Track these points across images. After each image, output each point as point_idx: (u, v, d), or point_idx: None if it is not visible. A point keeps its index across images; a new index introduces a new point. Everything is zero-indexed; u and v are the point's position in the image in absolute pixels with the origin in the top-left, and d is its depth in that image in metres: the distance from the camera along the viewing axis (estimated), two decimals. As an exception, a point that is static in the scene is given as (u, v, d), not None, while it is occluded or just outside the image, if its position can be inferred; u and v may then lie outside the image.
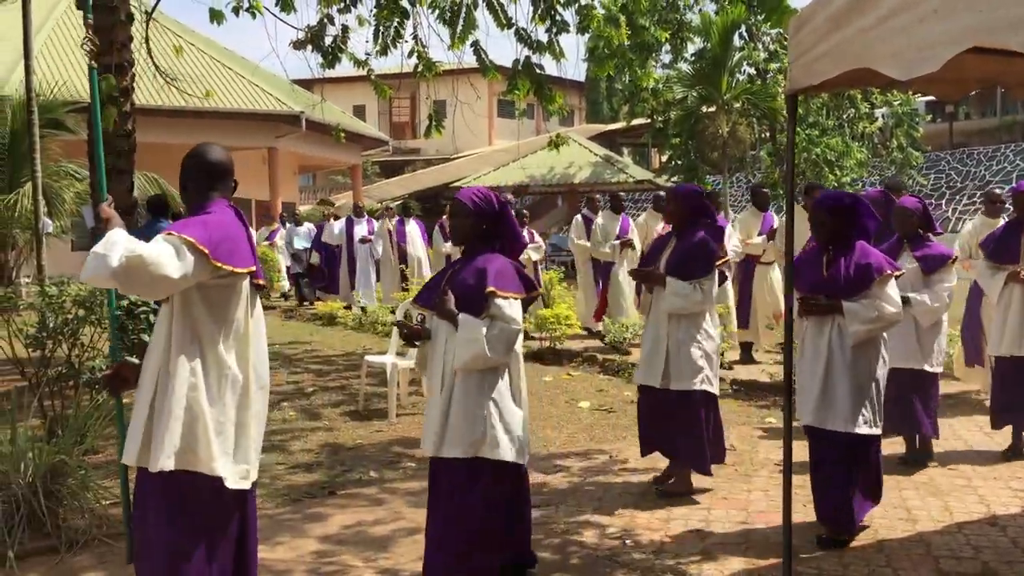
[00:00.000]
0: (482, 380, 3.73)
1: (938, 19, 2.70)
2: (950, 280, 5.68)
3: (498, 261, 3.80)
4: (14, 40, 12.89)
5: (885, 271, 4.51)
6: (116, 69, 6.92)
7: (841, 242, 4.60)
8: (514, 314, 3.70)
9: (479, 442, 3.68)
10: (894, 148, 23.44)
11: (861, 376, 4.45)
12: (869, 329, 4.42)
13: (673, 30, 13.24)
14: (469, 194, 3.89)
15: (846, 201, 4.62)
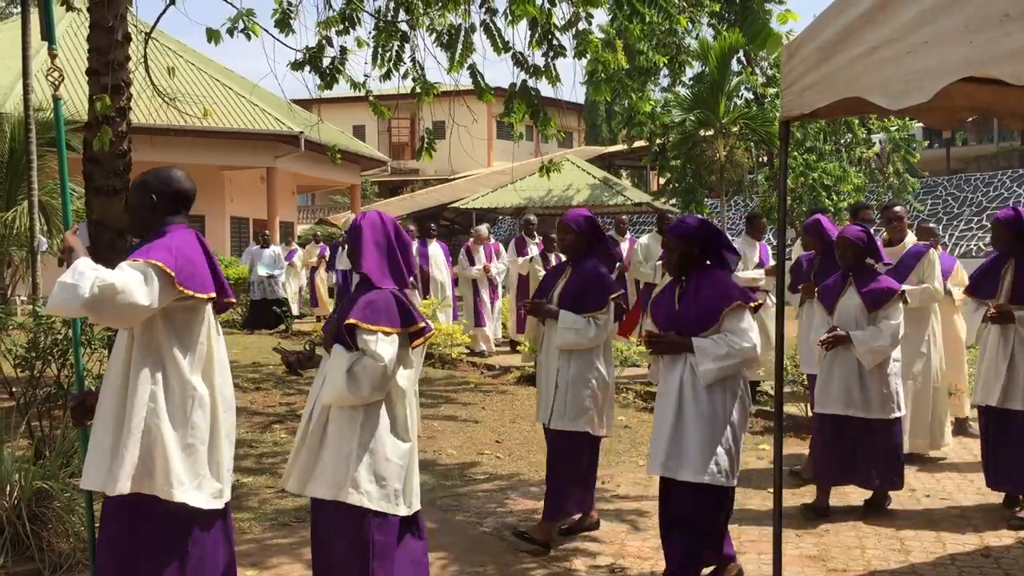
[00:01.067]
0: (353, 416, 3.43)
1: (928, 50, 2.71)
2: (896, 316, 5.27)
3: (374, 293, 3.51)
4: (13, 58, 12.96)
5: (735, 301, 4.07)
6: (113, 89, 6.92)
7: (695, 272, 4.22)
8: (381, 350, 3.37)
9: (340, 485, 3.38)
10: (891, 173, 23.54)
11: (715, 421, 4.03)
12: (720, 368, 3.99)
13: (671, 54, 13.31)
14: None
15: (698, 227, 4.24)
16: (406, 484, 3.50)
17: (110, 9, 6.99)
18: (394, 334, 3.43)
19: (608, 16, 9.50)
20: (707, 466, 3.97)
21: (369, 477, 3.38)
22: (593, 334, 4.81)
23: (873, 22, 2.88)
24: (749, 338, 4.01)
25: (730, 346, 3.98)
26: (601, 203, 24.79)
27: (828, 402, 5.40)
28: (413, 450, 3.57)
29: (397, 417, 3.52)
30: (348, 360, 3.38)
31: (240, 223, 24.06)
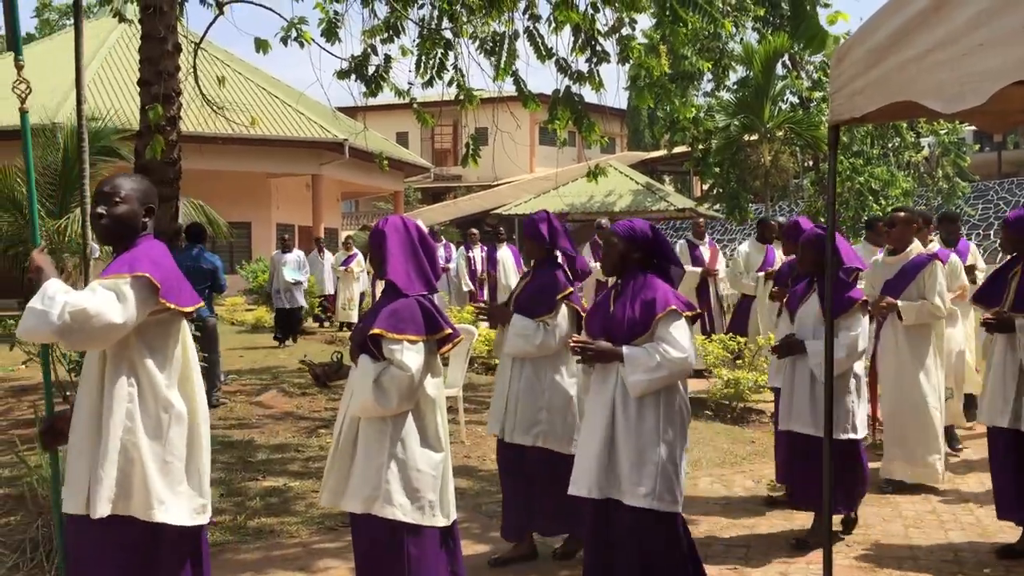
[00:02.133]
0: (383, 428, 3.38)
1: (984, 52, 2.66)
2: (856, 327, 4.81)
3: (400, 301, 3.45)
4: (67, 68, 13.23)
5: (669, 306, 3.72)
6: (163, 98, 7.05)
7: (631, 276, 3.88)
8: (408, 359, 3.32)
9: (372, 498, 3.34)
10: (940, 178, 23.13)
11: (648, 438, 3.67)
12: (651, 380, 3.63)
13: (715, 59, 13.21)
14: None
15: (645, 231, 3.92)
16: (442, 495, 3.45)
17: (161, 20, 7.13)
18: (420, 342, 3.39)
19: (652, 21, 9.45)
20: (642, 488, 3.62)
21: (400, 489, 3.34)
22: (539, 340, 4.51)
23: (927, 24, 2.84)
24: (682, 347, 3.65)
25: (661, 355, 3.63)
26: (644, 208, 24.71)
27: (785, 418, 5.06)
28: (447, 460, 3.52)
29: (427, 427, 3.47)
30: (375, 371, 3.34)
31: (286, 229, 24.35)
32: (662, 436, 3.67)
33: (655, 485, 3.62)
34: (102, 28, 21.49)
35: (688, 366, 3.69)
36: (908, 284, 5.91)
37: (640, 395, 3.65)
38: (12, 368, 9.38)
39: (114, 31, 21.09)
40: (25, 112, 3.89)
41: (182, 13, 7.99)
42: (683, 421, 3.77)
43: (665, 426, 3.68)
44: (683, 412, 3.78)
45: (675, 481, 3.67)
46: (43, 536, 4.49)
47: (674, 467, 3.67)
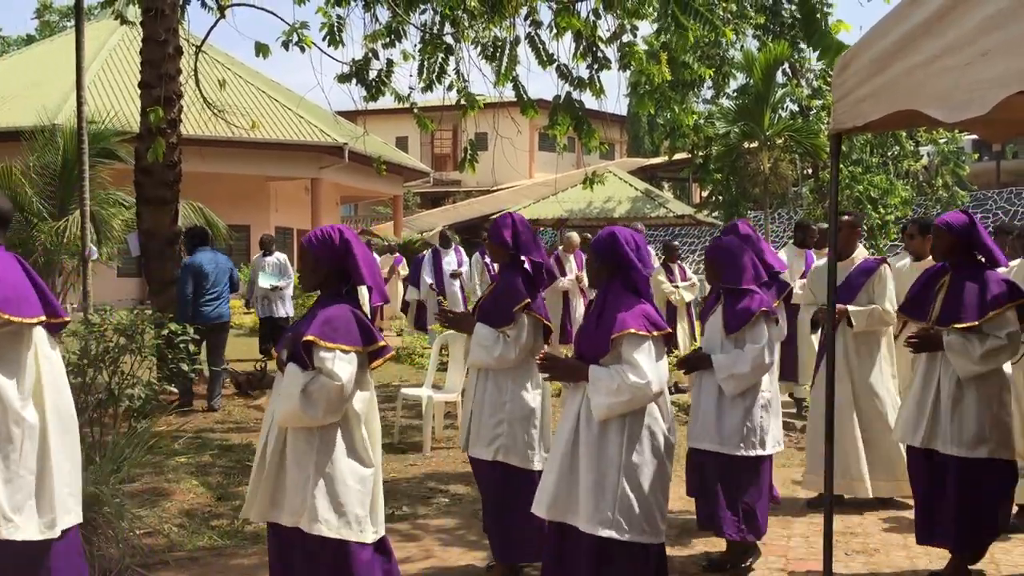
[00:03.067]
0: (310, 440, 3.29)
1: (987, 62, 2.66)
2: (760, 339, 4.56)
3: (334, 309, 3.35)
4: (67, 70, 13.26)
5: (627, 328, 3.47)
6: (164, 101, 7.05)
7: (604, 291, 3.69)
8: (339, 369, 3.21)
9: (299, 512, 3.27)
10: (939, 186, 23.12)
11: (606, 463, 3.48)
12: (611, 404, 3.43)
13: (716, 66, 13.26)
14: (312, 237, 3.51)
15: (607, 242, 3.69)
16: (371, 509, 3.38)
17: (162, 23, 7.14)
18: (353, 352, 3.29)
19: (653, 28, 9.48)
20: (599, 514, 3.43)
21: (327, 504, 3.26)
22: (497, 353, 4.32)
23: (931, 33, 2.84)
24: (642, 373, 3.41)
25: (621, 379, 3.42)
26: (643, 215, 24.70)
27: (691, 435, 4.78)
28: (376, 474, 3.44)
29: (355, 440, 3.37)
30: (303, 379, 3.24)
31: (285, 233, 24.34)
32: (624, 461, 3.47)
33: (613, 512, 3.43)
34: (103, 30, 21.47)
35: (648, 392, 3.44)
36: (857, 291, 5.72)
37: (603, 419, 3.47)
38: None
39: (115, 33, 21.08)
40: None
41: (183, 16, 7.98)
42: (655, 447, 3.54)
43: (628, 451, 3.49)
44: (654, 437, 3.54)
45: (639, 509, 3.46)
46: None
47: (639, 494, 3.46)
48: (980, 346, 4.37)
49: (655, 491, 3.52)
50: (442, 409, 7.88)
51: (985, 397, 4.42)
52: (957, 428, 4.40)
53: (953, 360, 4.42)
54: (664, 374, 3.54)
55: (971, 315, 4.41)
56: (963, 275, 4.53)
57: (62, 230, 12.95)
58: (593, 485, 3.45)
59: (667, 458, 3.60)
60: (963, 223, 4.62)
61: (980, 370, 4.39)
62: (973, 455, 4.38)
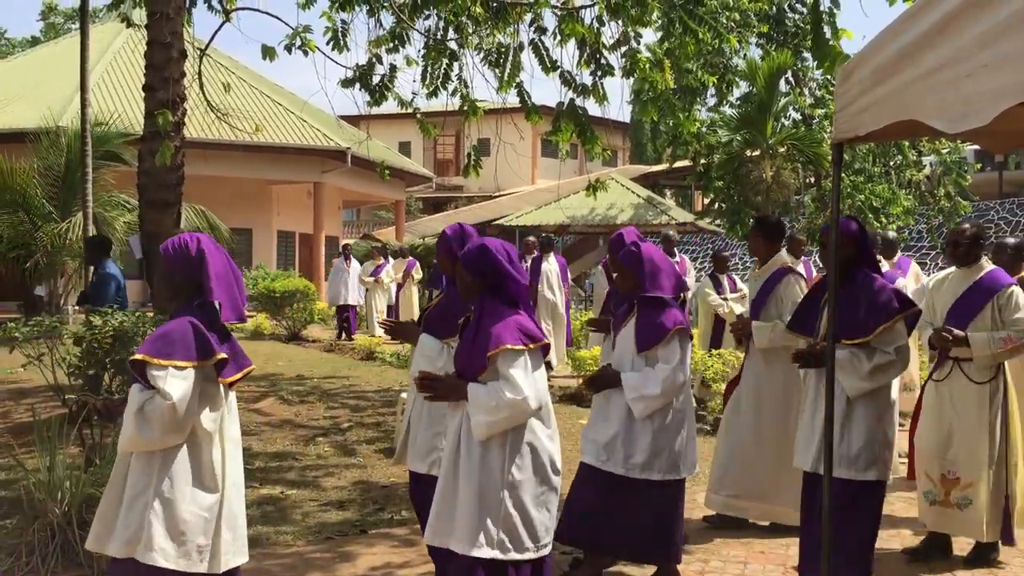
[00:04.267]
0: (150, 463, 3.12)
1: (988, 73, 2.67)
2: (673, 358, 4.29)
3: (173, 323, 3.21)
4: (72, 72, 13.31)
5: (503, 344, 3.32)
6: (168, 104, 7.07)
7: (479, 305, 3.50)
8: (170, 387, 3.05)
9: (133, 541, 3.08)
10: (941, 196, 23.12)
11: (488, 483, 3.32)
12: (491, 422, 3.28)
13: (719, 74, 13.26)
14: None
15: (477, 254, 3.51)
16: (215, 539, 3.20)
17: (167, 26, 7.15)
18: (189, 368, 3.11)
19: (658, 35, 9.50)
20: (477, 537, 3.27)
21: (164, 533, 3.08)
22: (442, 363, 4.16)
23: (932, 44, 2.84)
24: (518, 389, 3.26)
25: (499, 396, 3.27)
26: (645, 222, 24.73)
27: (584, 450, 4.53)
28: (228, 501, 3.26)
29: (202, 463, 3.20)
30: (139, 400, 3.09)
31: (287, 237, 24.38)
32: (507, 479, 3.32)
33: (496, 532, 3.28)
34: (107, 33, 21.55)
35: (526, 407, 3.28)
36: (766, 301, 5.42)
37: (483, 438, 3.32)
38: (11, 371, 9.36)
39: (119, 36, 21.16)
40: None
41: (189, 19, 8.01)
42: (538, 462, 3.39)
43: (510, 468, 3.34)
44: (537, 453, 3.39)
45: (524, 527, 3.32)
46: (39, 540, 4.47)
47: (523, 512, 3.33)
48: (868, 362, 4.20)
49: (540, 507, 3.38)
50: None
51: (875, 415, 4.24)
52: (846, 449, 4.18)
53: (841, 377, 4.14)
54: (542, 387, 3.39)
55: (860, 330, 4.20)
56: (851, 287, 4.29)
57: (64, 231, 12.99)
58: (475, 505, 3.30)
59: (552, 472, 3.45)
60: (853, 231, 4.40)
61: (869, 387, 4.21)
62: (862, 477, 4.21)
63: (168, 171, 7.16)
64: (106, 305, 6.22)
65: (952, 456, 4.89)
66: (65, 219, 13.30)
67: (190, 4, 8.48)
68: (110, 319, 5.66)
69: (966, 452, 4.85)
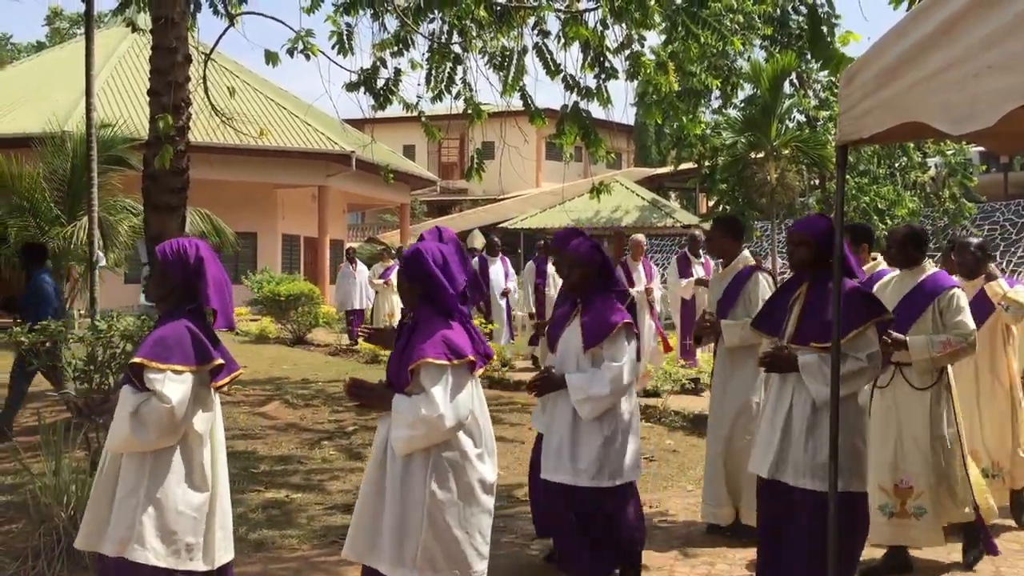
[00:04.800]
0: (141, 464, 3.16)
1: (993, 74, 2.66)
2: (621, 357, 4.14)
3: (168, 327, 3.23)
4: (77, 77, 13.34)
5: (424, 356, 3.22)
6: (173, 108, 7.07)
7: (416, 313, 3.43)
8: (169, 391, 3.09)
9: (125, 540, 3.12)
10: (947, 198, 23.08)
11: (409, 502, 3.24)
12: (411, 437, 3.20)
13: (723, 76, 13.26)
14: None
15: (409, 259, 3.44)
16: (206, 537, 3.25)
17: (172, 31, 7.16)
18: (187, 372, 3.16)
19: (661, 38, 9.51)
20: (401, 558, 3.21)
21: (154, 532, 3.12)
22: None
23: (937, 46, 2.84)
24: (435, 406, 3.17)
25: (416, 412, 3.19)
26: (649, 224, 24.72)
27: (544, 465, 4.38)
28: (216, 500, 3.30)
29: (194, 465, 3.25)
30: (134, 402, 3.13)
31: (291, 240, 24.42)
32: (428, 500, 3.23)
33: (416, 556, 3.21)
34: (112, 37, 21.61)
35: (441, 425, 3.18)
36: (733, 302, 5.37)
37: (403, 453, 3.24)
38: (16, 375, 9.37)
39: (124, 40, 21.21)
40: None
41: (194, 24, 8.03)
42: (464, 482, 3.29)
43: (432, 488, 3.24)
44: (462, 472, 3.29)
45: (445, 551, 3.24)
46: (45, 544, 4.48)
47: (446, 535, 3.24)
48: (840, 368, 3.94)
49: (466, 528, 3.28)
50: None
51: (843, 424, 3.88)
52: (811, 458, 3.95)
53: (808, 383, 3.98)
54: (464, 405, 3.26)
55: (829, 335, 3.86)
56: (821, 288, 4.06)
57: (70, 235, 13.00)
58: (396, 526, 3.23)
59: (482, 491, 3.35)
60: (823, 229, 4.19)
61: None
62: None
63: (173, 175, 7.16)
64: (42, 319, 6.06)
65: (903, 465, 4.79)
66: (71, 223, 13.32)
67: (195, 9, 8.49)
68: (115, 323, 5.66)
69: (916, 460, 4.75)
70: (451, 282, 3.37)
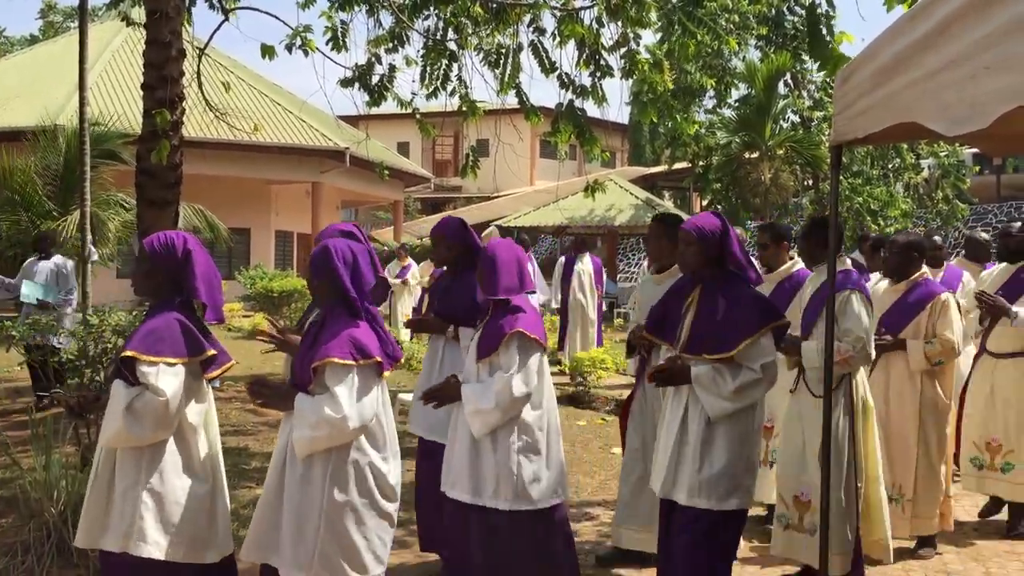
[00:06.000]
0: (138, 458, 3.14)
1: (989, 76, 2.67)
2: (510, 365, 3.80)
3: (158, 319, 3.21)
4: (70, 71, 13.28)
5: (328, 356, 3.15)
6: (167, 103, 7.04)
7: (323, 312, 3.36)
8: (163, 384, 3.08)
9: (127, 535, 3.10)
10: (940, 199, 23.15)
11: (307, 506, 3.18)
12: (312, 438, 3.13)
13: (718, 76, 13.30)
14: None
15: (318, 255, 3.35)
16: (210, 528, 3.25)
17: (167, 25, 7.13)
18: (179, 364, 3.15)
19: (657, 37, 9.51)
20: (299, 560, 3.16)
21: (157, 525, 3.11)
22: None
23: (933, 47, 2.84)
24: (339, 407, 3.09)
25: (319, 413, 3.11)
26: (644, 223, 24.75)
27: (445, 479, 4.07)
28: (216, 492, 3.31)
29: (192, 456, 3.24)
30: (127, 396, 3.11)
31: (285, 237, 24.37)
32: (326, 503, 3.17)
33: (312, 559, 3.15)
34: (106, 31, 21.52)
35: (345, 427, 3.10)
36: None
37: (304, 454, 3.17)
38: (8, 370, 9.34)
39: (118, 35, 21.13)
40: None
41: (188, 18, 7.99)
42: (365, 486, 3.23)
43: (331, 490, 3.17)
44: (363, 474, 3.23)
45: (344, 554, 3.17)
46: (35, 540, 4.46)
47: (343, 539, 3.18)
48: (732, 380, 3.73)
49: (364, 533, 3.22)
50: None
51: (737, 439, 3.78)
52: (704, 476, 3.74)
53: (702, 397, 3.78)
54: (369, 407, 3.19)
55: (723, 344, 3.75)
56: (714, 293, 3.86)
57: (61, 230, 12.96)
58: (294, 528, 3.18)
59: (384, 497, 3.28)
60: (714, 228, 3.90)
61: (732, 408, 3.75)
62: (722, 507, 3.74)
63: (166, 170, 7.13)
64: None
65: (807, 477, 4.50)
66: (63, 218, 13.27)
67: (190, 3, 8.45)
68: (106, 318, 5.64)
69: (815, 472, 4.29)
70: (359, 281, 3.28)
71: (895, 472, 5.08)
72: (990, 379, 5.60)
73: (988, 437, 5.58)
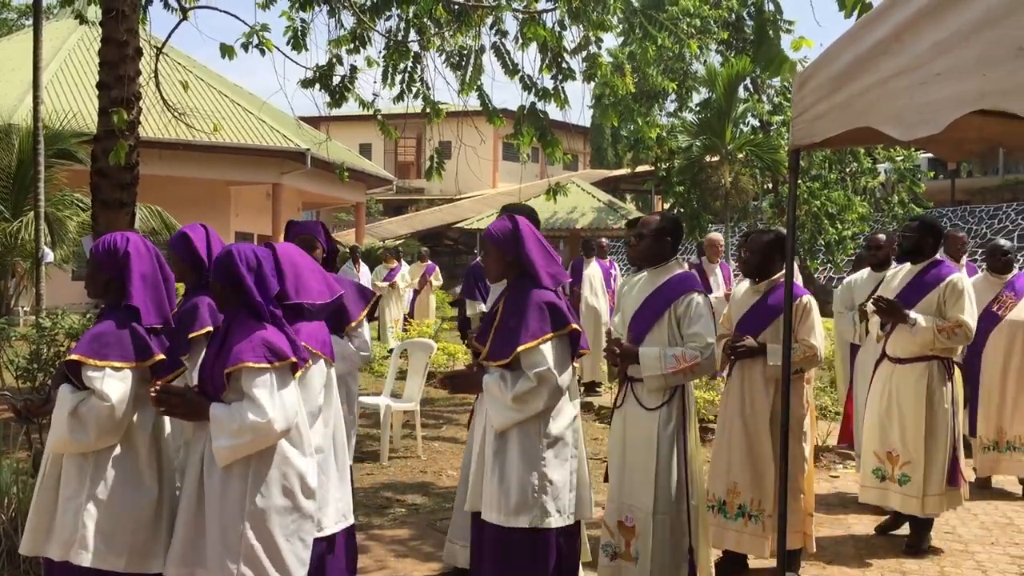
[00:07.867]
0: (82, 465, 3.08)
1: (942, 82, 2.71)
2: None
3: (107, 323, 3.15)
4: (24, 69, 13.07)
5: (242, 360, 3.04)
6: (123, 103, 6.93)
7: (227, 316, 3.27)
8: (108, 388, 3.01)
9: (69, 543, 3.04)
10: (896, 203, 23.52)
11: (227, 514, 3.08)
12: (235, 445, 3.01)
13: (679, 80, 13.41)
14: None
15: (221, 260, 3.23)
16: (155, 539, 3.17)
17: (123, 23, 7.02)
18: (126, 369, 3.09)
19: (618, 40, 9.58)
20: (225, 566, 3.06)
21: (98, 534, 3.04)
22: None
23: (887, 53, 2.88)
24: (262, 410, 3.01)
25: (241, 419, 3.02)
26: (606, 226, 24.86)
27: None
28: (163, 501, 3.23)
29: (139, 463, 3.17)
30: (72, 401, 3.05)
31: (245, 238, 24.12)
32: (249, 508, 3.08)
33: (238, 566, 3.06)
34: (62, 29, 21.17)
35: (271, 430, 3.03)
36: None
37: (226, 463, 3.07)
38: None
39: (74, 33, 20.79)
40: None
41: (145, 17, 7.88)
42: (287, 489, 3.15)
43: (253, 496, 3.09)
44: (286, 478, 3.15)
45: (269, 559, 3.10)
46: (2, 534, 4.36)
47: (268, 543, 3.10)
48: (512, 388, 3.62)
49: (289, 537, 3.15)
50: (400, 418, 7.83)
51: (528, 452, 3.64)
52: (495, 490, 3.66)
53: (488, 405, 3.68)
54: (291, 407, 3.13)
55: (503, 351, 3.64)
56: (513, 298, 3.76)
57: (15, 232, 12.72)
58: (219, 537, 3.09)
59: (304, 495, 3.22)
60: (505, 232, 3.82)
61: (517, 417, 3.63)
62: (512, 524, 3.63)
63: (122, 171, 7.01)
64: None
65: (632, 500, 4.17)
66: (16, 219, 13.02)
67: (146, 2, 8.34)
68: (59, 320, 5.55)
69: (640, 493, 4.11)
70: (263, 285, 3.22)
71: (754, 487, 4.65)
72: (889, 385, 5.29)
73: (888, 447, 5.27)
